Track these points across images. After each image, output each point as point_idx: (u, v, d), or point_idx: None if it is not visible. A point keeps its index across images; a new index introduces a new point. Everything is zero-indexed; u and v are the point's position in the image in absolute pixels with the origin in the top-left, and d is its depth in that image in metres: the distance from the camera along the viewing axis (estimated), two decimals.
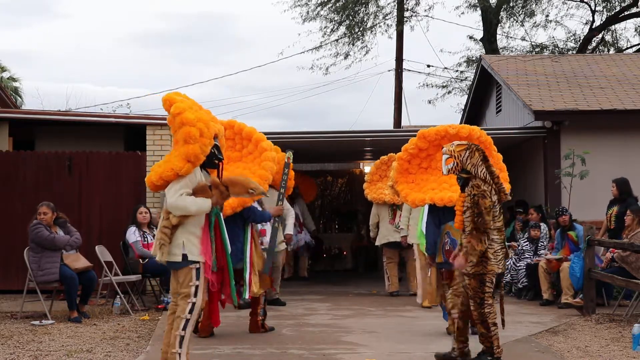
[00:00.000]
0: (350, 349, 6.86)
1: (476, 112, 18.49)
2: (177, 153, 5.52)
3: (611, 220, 9.94)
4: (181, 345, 5.48)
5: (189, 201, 5.44)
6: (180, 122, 5.50)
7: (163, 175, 5.52)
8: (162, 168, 5.54)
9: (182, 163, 5.47)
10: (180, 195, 5.42)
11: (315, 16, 24.24)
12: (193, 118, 5.51)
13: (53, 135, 12.43)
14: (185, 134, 5.47)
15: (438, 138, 7.62)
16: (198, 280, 5.52)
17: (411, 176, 7.83)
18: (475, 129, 7.67)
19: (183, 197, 5.43)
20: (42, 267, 8.56)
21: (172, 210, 5.46)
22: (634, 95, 12.83)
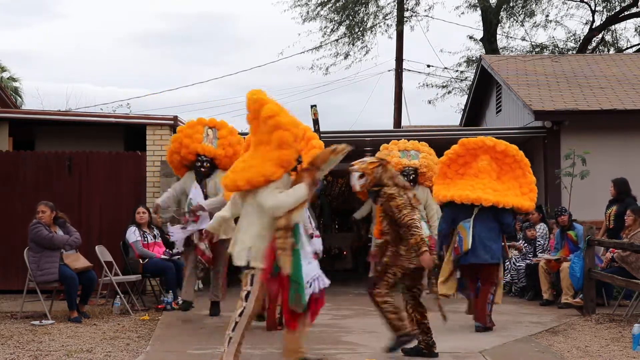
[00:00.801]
0: (350, 349, 6.86)
1: (476, 112, 18.51)
2: (268, 157, 5.38)
3: (610, 219, 9.94)
4: (229, 345, 5.45)
5: (284, 196, 5.36)
6: (274, 125, 5.34)
7: (252, 181, 5.39)
8: (251, 173, 5.38)
9: (274, 168, 5.36)
10: (274, 195, 5.36)
11: (315, 16, 24.26)
12: (287, 122, 5.38)
13: (53, 135, 12.44)
14: (280, 139, 5.33)
15: (476, 147, 8.38)
16: (251, 286, 5.46)
17: (447, 179, 8.52)
18: (511, 146, 8.30)
19: (276, 195, 5.36)
20: (41, 267, 8.56)
21: (274, 211, 5.37)
22: (634, 95, 12.84)
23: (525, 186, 8.25)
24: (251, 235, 5.47)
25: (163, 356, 6.63)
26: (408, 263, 6.30)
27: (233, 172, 5.58)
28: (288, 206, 5.37)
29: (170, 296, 9.48)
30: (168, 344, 7.15)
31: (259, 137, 5.53)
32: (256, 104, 5.49)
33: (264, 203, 5.40)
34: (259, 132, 5.54)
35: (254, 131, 5.61)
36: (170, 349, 6.89)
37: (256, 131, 5.58)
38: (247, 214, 5.59)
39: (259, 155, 5.47)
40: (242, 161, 5.66)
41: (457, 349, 6.83)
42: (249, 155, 5.64)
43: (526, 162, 8.33)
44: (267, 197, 5.37)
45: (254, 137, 5.62)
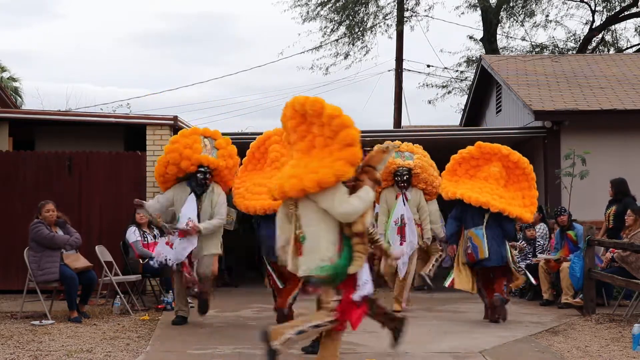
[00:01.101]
0: (350, 349, 6.85)
1: (476, 112, 18.51)
2: (336, 157, 5.27)
3: (609, 219, 9.95)
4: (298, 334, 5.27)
5: (358, 202, 5.25)
6: (340, 124, 5.27)
7: (322, 183, 5.21)
8: (321, 174, 5.21)
9: (346, 167, 5.26)
10: (349, 202, 5.24)
11: (315, 16, 24.26)
12: (351, 121, 5.34)
13: (53, 135, 12.44)
14: (350, 137, 5.26)
15: (491, 153, 8.75)
16: (339, 296, 5.31)
17: (456, 177, 8.88)
18: (523, 159, 8.82)
19: (352, 200, 5.26)
20: (41, 267, 8.56)
21: (347, 217, 5.24)
22: (634, 95, 12.84)
23: (528, 199, 8.73)
24: (327, 244, 5.29)
25: (163, 356, 6.63)
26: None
27: (292, 178, 5.32)
28: (361, 211, 5.26)
29: (170, 296, 9.48)
30: (168, 344, 7.15)
31: (311, 140, 5.41)
32: (316, 105, 5.37)
33: (336, 208, 5.23)
34: (310, 134, 5.42)
35: (301, 136, 5.45)
36: (170, 349, 6.89)
37: (305, 135, 5.45)
38: (310, 222, 5.35)
39: (324, 156, 5.34)
40: (297, 166, 5.43)
41: (457, 349, 6.83)
42: (303, 160, 5.44)
43: (533, 177, 8.82)
44: (341, 203, 5.22)
45: (302, 142, 5.46)
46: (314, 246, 5.30)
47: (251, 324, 8.31)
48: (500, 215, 8.47)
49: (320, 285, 5.33)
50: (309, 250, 5.31)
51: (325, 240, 5.28)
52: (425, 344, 7.09)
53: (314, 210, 5.32)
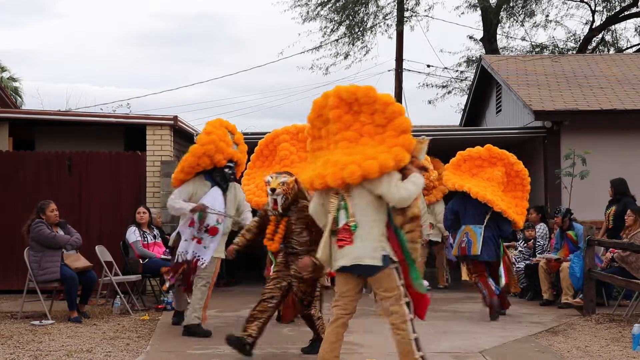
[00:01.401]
0: (350, 349, 6.85)
1: (476, 112, 18.50)
2: (394, 143, 5.25)
3: (609, 219, 9.95)
4: (419, 348, 5.16)
5: (412, 186, 5.21)
6: (395, 111, 5.29)
7: (383, 168, 5.15)
8: (381, 160, 5.14)
9: (403, 153, 5.24)
10: (404, 187, 5.18)
11: (315, 16, 24.24)
12: (403, 109, 5.39)
13: (53, 135, 12.44)
14: (404, 124, 5.29)
15: (498, 158, 9.15)
16: (402, 279, 5.21)
17: (459, 171, 9.15)
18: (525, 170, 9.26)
19: (407, 185, 5.20)
20: (42, 267, 8.56)
21: (404, 202, 5.17)
22: (634, 95, 12.83)
23: (520, 208, 9.17)
24: (379, 233, 5.23)
25: (163, 356, 6.64)
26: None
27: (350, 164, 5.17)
28: (415, 195, 5.24)
29: (170, 296, 9.48)
30: (168, 344, 7.15)
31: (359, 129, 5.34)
32: (370, 92, 5.33)
33: (393, 194, 5.16)
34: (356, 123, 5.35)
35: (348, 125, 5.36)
36: (170, 349, 6.90)
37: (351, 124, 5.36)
38: (363, 211, 5.24)
39: (376, 144, 5.29)
40: (350, 154, 5.28)
41: (457, 349, 6.83)
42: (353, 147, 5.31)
43: (528, 188, 9.32)
44: (398, 188, 5.17)
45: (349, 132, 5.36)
46: (367, 234, 5.20)
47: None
48: (499, 216, 8.84)
49: (373, 273, 5.19)
50: (363, 238, 5.19)
51: (377, 230, 5.23)
52: (425, 344, 7.03)
53: (368, 199, 5.25)
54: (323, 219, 5.47)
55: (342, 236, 5.24)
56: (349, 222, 5.22)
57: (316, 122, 5.59)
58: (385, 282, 5.17)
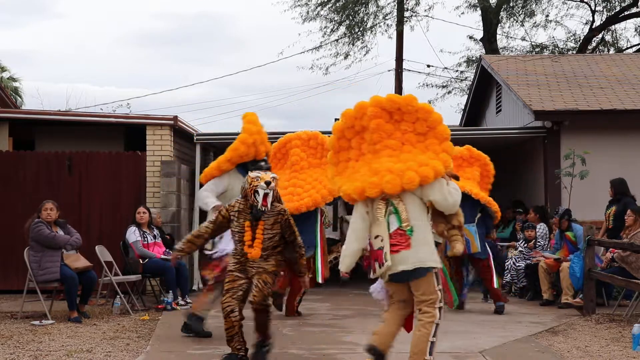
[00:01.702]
0: (350, 349, 6.86)
1: (476, 112, 18.50)
2: (440, 149, 5.39)
3: (609, 219, 9.94)
4: (431, 353, 5.21)
5: (455, 192, 5.37)
6: (436, 120, 5.43)
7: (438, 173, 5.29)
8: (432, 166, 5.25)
9: (449, 160, 5.42)
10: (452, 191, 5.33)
11: (315, 16, 24.24)
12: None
13: (53, 135, 12.45)
14: (446, 132, 5.43)
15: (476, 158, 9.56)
16: (440, 285, 5.32)
17: None
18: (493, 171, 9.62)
19: (451, 191, 5.34)
20: (42, 267, 8.56)
21: (453, 208, 5.41)
22: (634, 95, 12.83)
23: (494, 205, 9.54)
24: (431, 238, 5.37)
25: (163, 356, 6.63)
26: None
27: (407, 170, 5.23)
28: (459, 202, 5.45)
29: (170, 296, 9.49)
30: (168, 344, 7.15)
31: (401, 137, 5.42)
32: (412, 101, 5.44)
33: (447, 199, 5.31)
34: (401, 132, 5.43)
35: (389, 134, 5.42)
36: (170, 349, 6.89)
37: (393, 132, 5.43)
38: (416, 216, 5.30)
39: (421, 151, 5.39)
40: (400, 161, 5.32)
41: (457, 349, 6.83)
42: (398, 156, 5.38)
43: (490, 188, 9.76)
44: (450, 193, 5.32)
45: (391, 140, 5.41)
46: (423, 238, 5.27)
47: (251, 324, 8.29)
48: (485, 214, 9.38)
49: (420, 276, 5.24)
50: (420, 243, 5.25)
51: (430, 234, 5.37)
52: None
53: (419, 205, 5.33)
54: (363, 229, 5.45)
55: (396, 241, 5.25)
56: (402, 226, 5.25)
57: (347, 132, 5.64)
58: (426, 285, 5.25)
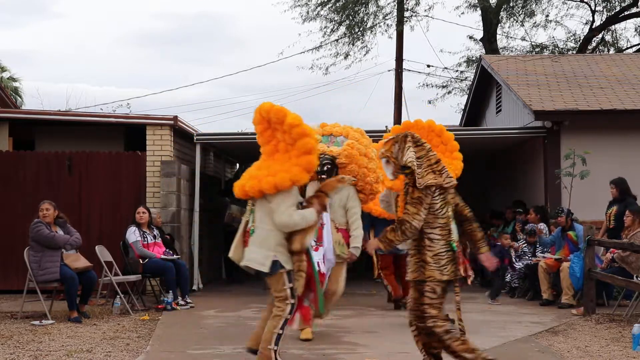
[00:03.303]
0: (350, 349, 6.86)
1: (476, 112, 18.50)
2: (294, 163, 5.56)
3: (610, 219, 9.93)
4: (277, 343, 5.55)
5: (298, 218, 5.53)
6: (301, 133, 5.57)
7: (279, 186, 5.49)
8: (279, 177, 5.50)
9: (302, 174, 5.57)
10: (290, 215, 5.50)
11: (315, 16, 24.23)
12: (310, 130, 5.65)
13: (53, 135, 12.44)
14: (308, 146, 5.57)
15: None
16: (291, 283, 5.59)
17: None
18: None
19: (293, 214, 5.51)
20: (42, 267, 8.56)
21: (283, 228, 5.53)
22: (634, 95, 12.82)
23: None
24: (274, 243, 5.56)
25: (163, 356, 6.64)
26: (440, 274, 5.17)
27: (253, 179, 5.63)
28: (298, 227, 5.53)
29: (170, 296, 9.49)
30: (168, 344, 7.15)
31: (274, 145, 5.73)
32: (279, 113, 5.66)
33: (277, 215, 5.50)
34: (274, 139, 5.74)
35: (267, 141, 5.79)
36: (170, 349, 6.90)
37: (270, 140, 5.77)
38: (262, 220, 5.61)
39: (285, 161, 5.64)
40: (260, 168, 5.73)
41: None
42: (266, 162, 5.75)
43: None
44: (283, 211, 5.48)
45: (267, 146, 5.79)
46: (262, 241, 5.57)
47: (251, 324, 8.31)
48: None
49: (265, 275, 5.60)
50: (256, 244, 5.59)
51: (273, 240, 5.56)
52: None
53: (266, 210, 5.61)
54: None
55: (246, 238, 5.70)
56: (250, 226, 5.66)
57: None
58: (275, 284, 5.59)
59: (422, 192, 5.17)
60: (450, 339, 5.20)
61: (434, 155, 5.39)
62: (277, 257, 5.53)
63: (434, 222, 5.19)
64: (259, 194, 5.58)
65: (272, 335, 5.53)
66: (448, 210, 5.24)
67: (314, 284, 6.05)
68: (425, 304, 5.19)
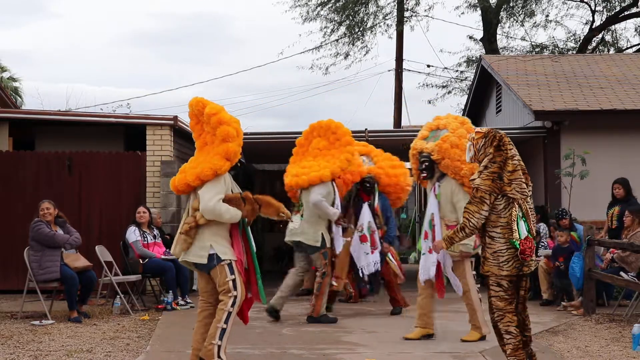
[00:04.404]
0: (350, 349, 6.86)
1: (476, 112, 18.50)
2: (214, 152, 5.65)
3: (613, 220, 9.92)
4: (221, 338, 5.58)
5: (224, 209, 5.55)
6: (217, 121, 5.65)
7: (201, 175, 5.60)
8: (200, 168, 5.60)
9: (221, 162, 5.61)
10: (217, 201, 5.54)
11: (315, 16, 24.24)
12: (229, 118, 5.71)
13: (53, 135, 12.44)
14: (225, 133, 5.63)
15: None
16: (233, 275, 5.60)
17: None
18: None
19: (220, 203, 5.55)
20: (43, 266, 8.57)
21: (207, 214, 5.55)
22: (634, 95, 12.83)
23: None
24: (210, 234, 5.62)
25: (163, 356, 6.64)
26: (498, 269, 5.33)
27: (180, 173, 5.78)
28: (220, 219, 5.58)
29: (170, 296, 9.49)
30: (168, 344, 7.15)
31: (203, 138, 5.83)
32: (198, 105, 5.80)
33: (204, 201, 5.54)
34: (203, 133, 5.85)
35: (198, 135, 5.91)
36: (170, 349, 6.90)
37: (200, 133, 5.88)
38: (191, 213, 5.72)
39: (206, 153, 5.75)
40: (189, 162, 5.87)
41: (457, 349, 6.83)
42: (195, 156, 5.88)
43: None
44: (210, 198, 5.53)
45: (199, 141, 5.90)
46: (198, 234, 5.63)
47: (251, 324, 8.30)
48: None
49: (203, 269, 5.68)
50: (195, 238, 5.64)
51: (208, 231, 5.61)
52: (425, 344, 7.09)
53: (197, 204, 5.67)
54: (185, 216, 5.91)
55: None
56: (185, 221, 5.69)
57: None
58: (217, 276, 5.61)
59: (485, 192, 5.33)
60: (508, 341, 5.40)
61: (514, 163, 5.55)
62: (214, 249, 5.56)
63: (497, 222, 5.35)
64: (187, 187, 5.70)
65: (216, 330, 5.57)
66: (512, 210, 5.38)
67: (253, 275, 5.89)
68: (492, 296, 5.38)
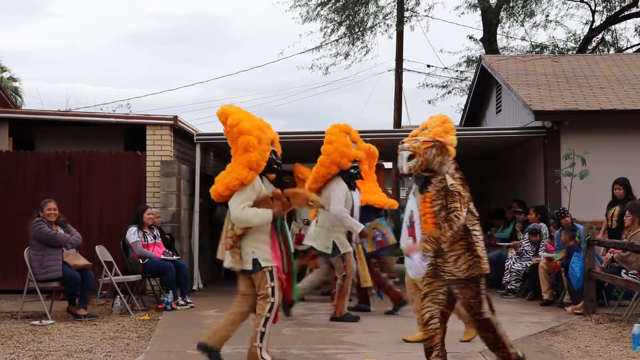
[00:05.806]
0: (350, 349, 6.86)
1: (476, 112, 18.50)
2: (237, 162, 5.81)
3: (613, 220, 9.92)
4: (262, 340, 5.86)
5: (252, 213, 5.72)
6: (238, 132, 5.80)
7: (229, 186, 5.78)
8: (228, 179, 5.79)
9: (245, 171, 5.76)
10: (242, 209, 5.71)
11: (315, 16, 24.24)
12: (250, 127, 5.83)
13: (53, 135, 12.44)
14: (245, 143, 5.77)
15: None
16: (273, 282, 5.84)
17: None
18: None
19: (246, 209, 5.71)
20: (44, 265, 8.58)
21: (237, 223, 5.75)
22: (634, 95, 12.82)
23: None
24: (251, 240, 5.82)
25: (163, 356, 6.64)
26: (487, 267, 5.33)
27: (216, 183, 5.94)
28: (250, 225, 5.76)
29: (170, 296, 9.49)
30: (168, 344, 7.15)
31: (233, 148, 5.96)
32: (222, 117, 5.93)
33: (231, 210, 5.76)
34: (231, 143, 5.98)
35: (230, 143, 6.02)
36: (170, 349, 6.90)
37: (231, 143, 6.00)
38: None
39: (233, 162, 5.91)
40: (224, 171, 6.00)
41: (457, 349, 6.82)
42: (229, 165, 6.01)
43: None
44: (236, 207, 5.74)
45: (232, 150, 6.00)
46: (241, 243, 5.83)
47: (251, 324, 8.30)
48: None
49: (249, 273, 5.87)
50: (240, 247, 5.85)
51: (249, 236, 5.80)
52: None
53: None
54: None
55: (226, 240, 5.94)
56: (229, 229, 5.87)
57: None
58: (256, 281, 5.87)
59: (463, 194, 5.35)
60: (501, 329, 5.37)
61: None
62: (256, 255, 5.78)
63: (474, 219, 5.41)
64: (221, 197, 5.90)
65: (257, 334, 5.86)
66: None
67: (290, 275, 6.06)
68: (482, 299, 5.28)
